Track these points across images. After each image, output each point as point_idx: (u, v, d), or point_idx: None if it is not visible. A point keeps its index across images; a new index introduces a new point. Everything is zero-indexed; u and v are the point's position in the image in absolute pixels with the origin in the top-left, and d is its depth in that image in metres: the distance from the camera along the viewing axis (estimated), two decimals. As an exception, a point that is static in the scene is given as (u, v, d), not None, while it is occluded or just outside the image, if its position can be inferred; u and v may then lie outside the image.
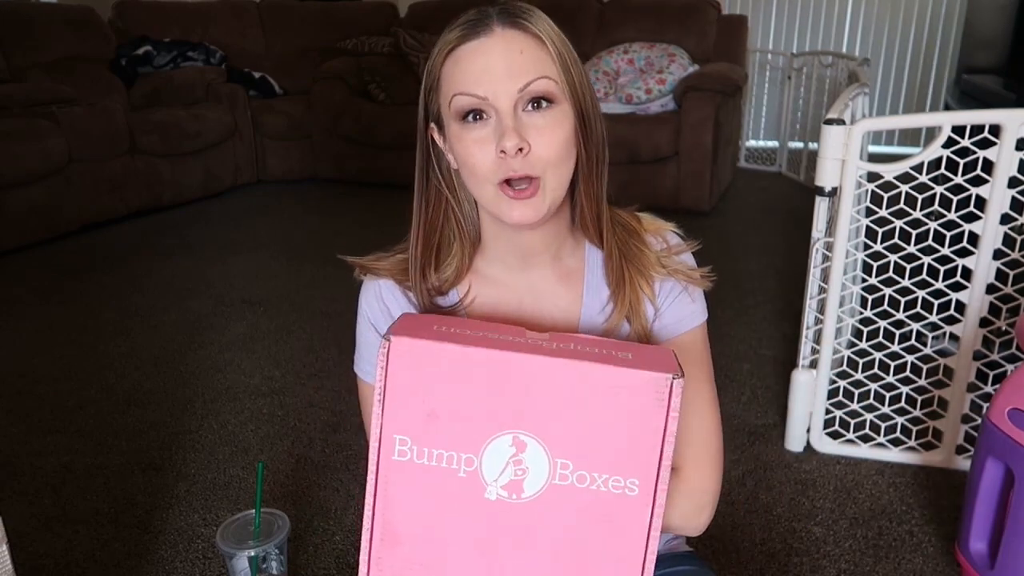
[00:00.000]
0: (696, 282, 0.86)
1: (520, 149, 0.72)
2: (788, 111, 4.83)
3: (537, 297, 0.86)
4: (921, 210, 1.66)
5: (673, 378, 0.61)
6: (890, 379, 1.81)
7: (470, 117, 0.74)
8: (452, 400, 0.63)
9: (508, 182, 0.74)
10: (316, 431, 2.00)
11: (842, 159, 1.64)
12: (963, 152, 1.58)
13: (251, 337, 2.57)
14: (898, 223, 1.68)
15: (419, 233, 0.83)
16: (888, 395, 1.81)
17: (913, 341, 1.77)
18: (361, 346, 0.89)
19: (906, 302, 1.74)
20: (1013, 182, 1.57)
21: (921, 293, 1.70)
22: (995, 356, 1.72)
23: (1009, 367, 1.70)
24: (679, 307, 0.86)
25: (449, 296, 0.86)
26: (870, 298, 1.81)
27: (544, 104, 0.73)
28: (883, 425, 1.83)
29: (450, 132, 0.76)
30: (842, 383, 1.84)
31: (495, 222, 0.80)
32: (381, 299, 0.86)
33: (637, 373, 0.61)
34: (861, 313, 2.03)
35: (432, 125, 0.80)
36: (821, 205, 1.71)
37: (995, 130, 1.55)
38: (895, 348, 1.77)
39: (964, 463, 1.76)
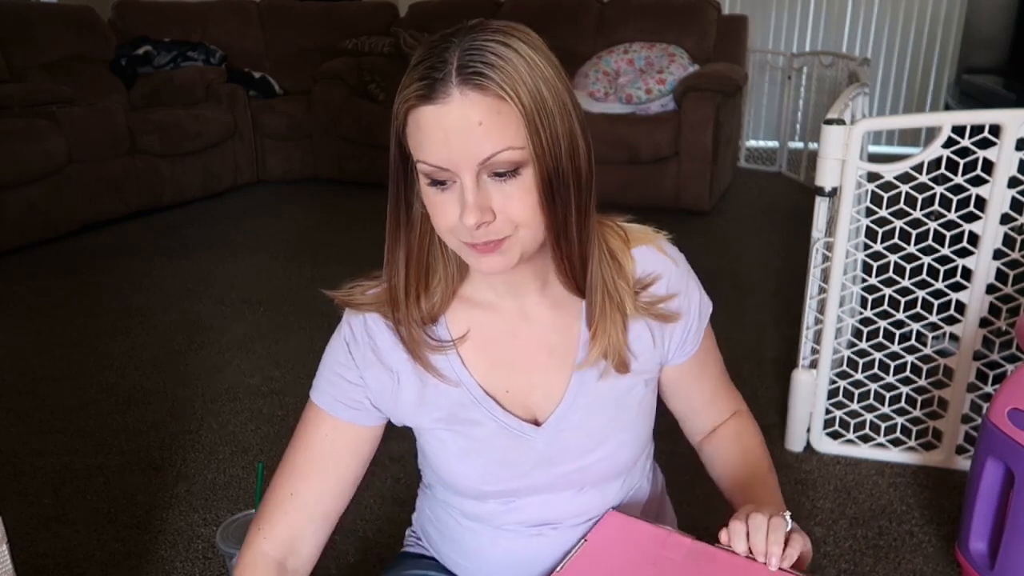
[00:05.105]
0: (665, 319, 0.85)
1: (485, 222, 0.69)
2: (788, 111, 4.83)
3: (532, 324, 0.84)
4: (921, 210, 1.66)
5: None
6: (890, 379, 1.81)
7: (435, 183, 0.71)
8: None
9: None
10: (316, 431, 2.00)
11: (842, 159, 1.64)
12: (963, 152, 1.58)
13: (251, 337, 2.57)
14: (898, 223, 1.68)
15: (407, 260, 0.80)
16: (888, 395, 1.81)
17: (913, 341, 1.77)
18: (326, 370, 0.86)
19: (906, 302, 1.74)
20: (1013, 182, 1.57)
21: (921, 293, 1.70)
22: (995, 356, 1.72)
23: (1009, 367, 1.70)
24: (693, 332, 0.89)
25: (439, 325, 0.83)
26: (870, 298, 1.81)
27: (508, 173, 0.69)
28: (883, 425, 1.83)
29: (421, 182, 0.73)
30: (842, 383, 1.84)
31: None
32: (366, 331, 0.83)
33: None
34: (861, 313, 2.03)
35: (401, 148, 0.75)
36: (821, 205, 1.71)
37: (995, 130, 1.55)
38: (895, 348, 1.77)
39: (964, 463, 1.76)
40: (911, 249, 1.68)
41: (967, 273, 1.66)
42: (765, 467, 0.93)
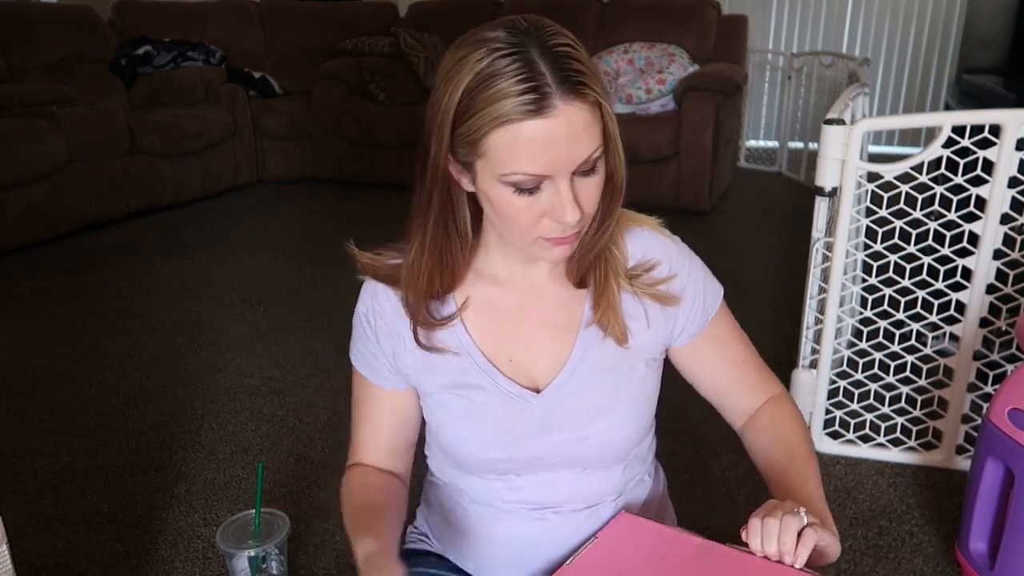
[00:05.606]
0: (665, 300, 0.86)
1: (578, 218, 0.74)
2: (788, 111, 4.83)
3: (540, 297, 0.86)
4: (921, 210, 1.66)
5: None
6: (890, 379, 1.81)
7: (524, 191, 0.72)
8: None
9: None
10: (316, 431, 2.00)
11: (842, 159, 1.64)
12: (963, 152, 1.58)
13: (251, 337, 2.57)
14: (898, 223, 1.68)
15: (427, 249, 0.82)
16: (888, 395, 1.81)
17: (913, 341, 1.77)
18: (353, 335, 0.93)
19: (906, 302, 1.74)
20: (1013, 182, 1.57)
21: (921, 293, 1.70)
22: (995, 356, 1.72)
23: (1009, 367, 1.70)
24: (700, 311, 0.89)
25: (447, 302, 0.86)
26: (870, 298, 1.81)
27: (590, 170, 0.73)
28: (883, 425, 1.83)
29: (494, 191, 0.73)
30: (842, 383, 1.84)
31: None
32: (376, 300, 0.89)
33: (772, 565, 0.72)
34: (861, 313, 2.03)
35: (450, 156, 0.74)
36: (821, 205, 1.71)
37: (995, 130, 1.55)
38: (895, 348, 1.77)
39: (964, 463, 1.76)
40: (911, 249, 1.68)
41: (967, 273, 1.66)
42: (801, 454, 0.91)
